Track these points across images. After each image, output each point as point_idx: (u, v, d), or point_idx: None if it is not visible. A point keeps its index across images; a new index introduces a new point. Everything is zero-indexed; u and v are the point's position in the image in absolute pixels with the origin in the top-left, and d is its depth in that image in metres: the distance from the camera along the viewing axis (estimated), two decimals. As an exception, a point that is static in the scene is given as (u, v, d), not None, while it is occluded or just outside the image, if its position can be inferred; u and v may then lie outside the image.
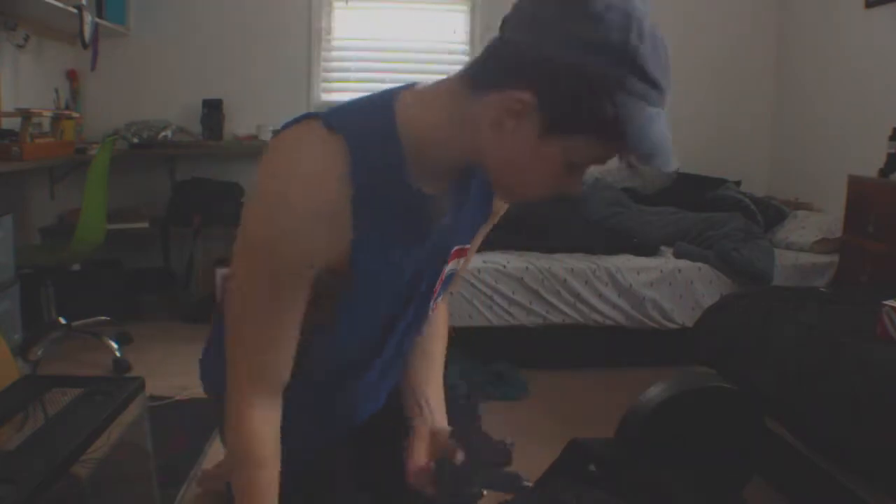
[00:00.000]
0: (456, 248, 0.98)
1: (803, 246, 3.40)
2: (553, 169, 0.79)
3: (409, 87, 0.87)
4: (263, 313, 0.86)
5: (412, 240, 0.90)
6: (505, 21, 0.78)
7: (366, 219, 0.83)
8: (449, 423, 1.07)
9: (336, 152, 0.80)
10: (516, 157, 0.79)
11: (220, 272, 3.52)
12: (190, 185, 3.85)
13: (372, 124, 0.83)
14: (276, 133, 0.86)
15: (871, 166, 3.00)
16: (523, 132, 0.76)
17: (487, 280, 2.96)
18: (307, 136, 0.82)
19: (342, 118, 0.83)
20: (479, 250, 1.14)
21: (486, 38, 0.82)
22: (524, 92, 0.74)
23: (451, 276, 1.04)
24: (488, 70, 0.78)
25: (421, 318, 1.02)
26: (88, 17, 3.30)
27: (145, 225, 3.73)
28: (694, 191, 3.87)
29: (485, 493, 0.96)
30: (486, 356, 2.93)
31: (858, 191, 2.99)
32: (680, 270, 3.11)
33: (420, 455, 0.98)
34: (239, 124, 3.99)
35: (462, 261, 1.04)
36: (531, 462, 1.25)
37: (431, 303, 1.01)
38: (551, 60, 0.72)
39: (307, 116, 0.84)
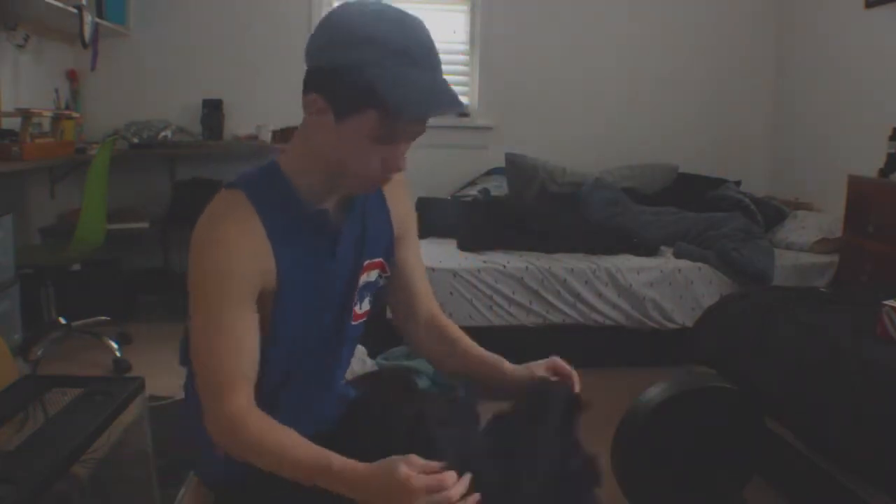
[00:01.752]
0: (367, 262, 1.16)
1: (803, 246, 3.40)
2: (361, 145, 0.99)
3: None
4: (222, 330, 1.01)
5: (323, 255, 1.10)
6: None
7: (282, 245, 1.05)
8: (449, 423, 1.11)
9: (241, 203, 1.03)
10: (335, 143, 1.01)
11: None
12: (190, 185, 3.84)
13: (261, 174, 1.07)
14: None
15: (871, 166, 3.00)
16: (327, 123, 1.00)
17: (487, 280, 2.97)
18: (218, 202, 1.06)
19: (239, 179, 1.07)
20: (479, 250, 1.20)
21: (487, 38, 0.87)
22: (314, 94, 0.99)
23: (377, 287, 1.21)
24: (304, 91, 1.02)
25: (345, 320, 1.17)
26: (88, 17, 3.30)
27: (145, 225, 3.73)
28: (694, 191, 3.86)
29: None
30: (486, 356, 2.93)
31: (858, 191, 2.99)
32: (680, 270, 3.11)
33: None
34: (239, 124, 3.99)
35: (377, 272, 1.19)
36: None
37: (353, 308, 1.17)
38: (321, 68, 0.99)
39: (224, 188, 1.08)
